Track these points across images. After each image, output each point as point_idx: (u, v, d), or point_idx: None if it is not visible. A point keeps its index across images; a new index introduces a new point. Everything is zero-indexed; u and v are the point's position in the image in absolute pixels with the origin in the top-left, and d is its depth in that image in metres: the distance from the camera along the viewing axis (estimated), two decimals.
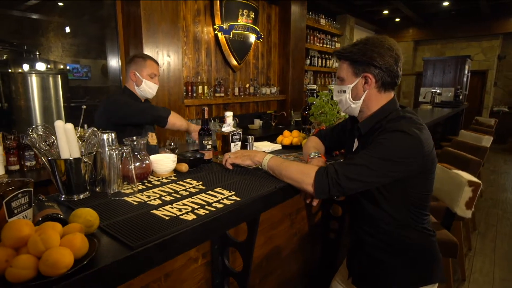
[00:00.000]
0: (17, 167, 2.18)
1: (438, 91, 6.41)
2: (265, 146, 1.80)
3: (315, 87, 1.96)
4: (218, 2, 3.89)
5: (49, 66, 4.57)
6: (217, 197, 1.07)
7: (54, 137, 0.98)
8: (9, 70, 3.55)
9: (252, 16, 4.27)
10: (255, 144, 1.80)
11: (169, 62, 3.28)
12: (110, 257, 0.71)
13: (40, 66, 4.27)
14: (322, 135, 1.57)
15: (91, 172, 1.08)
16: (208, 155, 1.48)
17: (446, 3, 6.62)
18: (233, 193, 1.11)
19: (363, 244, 1.24)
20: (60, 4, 5.34)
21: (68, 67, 5.16)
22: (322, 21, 5.79)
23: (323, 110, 1.83)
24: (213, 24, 3.92)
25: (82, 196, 1.05)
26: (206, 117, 1.49)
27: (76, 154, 1.00)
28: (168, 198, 1.06)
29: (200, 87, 3.78)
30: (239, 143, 1.56)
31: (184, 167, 1.34)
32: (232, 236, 1.36)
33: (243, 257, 1.31)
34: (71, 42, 5.29)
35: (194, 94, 3.72)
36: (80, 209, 0.80)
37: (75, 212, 0.79)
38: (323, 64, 5.97)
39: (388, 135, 1.06)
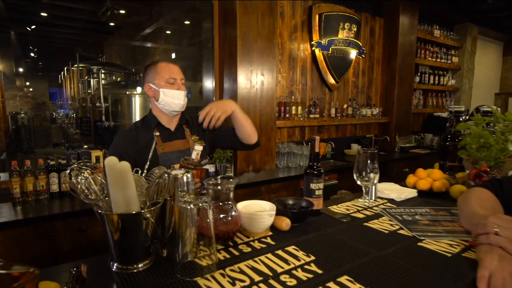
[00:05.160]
0: None
1: None
2: (393, 191, 1.26)
3: (463, 108, 1.37)
4: (317, 16, 3.57)
5: None
6: None
7: (104, 181, 0.67)
8: (118, 92, 3.80)
9: (355, 29, 3.80)
10: (380, 186, 1.28)
11: (262, 81, 3.06)
12: None
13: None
14: (501, 187, 0.96)
15: (155, 229, 0.74)
16: (317, 204, 1.04)
17: None
18: None
19: None
20: (168, 32, 5.79)
21: None
22: (436, 32, 4.94)
23: (485, 143, 1.23)
24: (310, 40, 3.61)
25: (140, 265, 0.73)
26: (317, 150, 1.06)
27: (134, 206, 0.67)
28: None
29: (293, 107, 3.46)
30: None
31: (285, 223, 0.93)
32: None
33: None
34: None
35: (287, 115, 3.42)
36: None
37: None
38: (436, 82, 5.07)
39: None
